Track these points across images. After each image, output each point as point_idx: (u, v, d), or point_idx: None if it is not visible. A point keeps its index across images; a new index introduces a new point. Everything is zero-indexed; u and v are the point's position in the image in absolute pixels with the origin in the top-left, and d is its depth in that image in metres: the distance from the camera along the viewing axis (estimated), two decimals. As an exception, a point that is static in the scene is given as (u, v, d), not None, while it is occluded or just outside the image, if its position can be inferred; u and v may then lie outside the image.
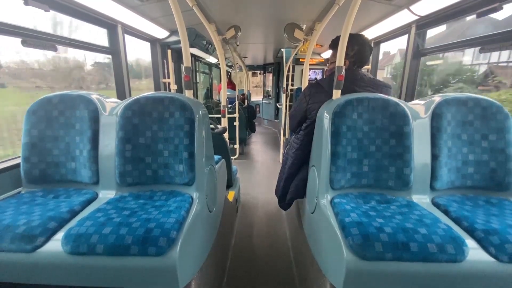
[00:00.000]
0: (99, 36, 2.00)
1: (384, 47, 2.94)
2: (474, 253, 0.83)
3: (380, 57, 3.03)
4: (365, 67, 1.48)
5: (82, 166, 1.23)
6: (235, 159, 4.28)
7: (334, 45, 1.46)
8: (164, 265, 0.85)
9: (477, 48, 1.53)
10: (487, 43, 1.53)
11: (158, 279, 0.86)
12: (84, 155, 1.23)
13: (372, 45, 2.83)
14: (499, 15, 1.42)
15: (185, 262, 0.91)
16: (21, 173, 1.22)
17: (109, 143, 1.23)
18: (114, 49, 2.08)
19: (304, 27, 2.60)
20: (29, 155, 1.21)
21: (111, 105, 1.31)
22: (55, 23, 1.65)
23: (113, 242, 0.84)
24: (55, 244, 0.87)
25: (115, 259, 0.84)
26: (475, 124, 1.18)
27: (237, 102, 4.18)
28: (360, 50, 1.39)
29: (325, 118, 1.18)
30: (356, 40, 1.38)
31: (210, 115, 1.51)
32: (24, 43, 1.33)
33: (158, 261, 0.84)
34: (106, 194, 1.22)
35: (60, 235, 0.89)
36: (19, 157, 1.24)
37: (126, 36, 2.19)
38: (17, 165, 1.25)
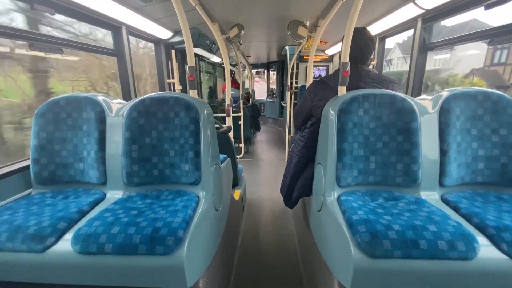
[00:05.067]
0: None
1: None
2: (486, 250, 0.82)
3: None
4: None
5: (90, 167, 1.25)
6: (240, 158, 4.29)
7: None
8: (171, 264, 0.85)
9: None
10: (496, 36, 1.49)
11: (166, 278, 0.87)
12: (91, 156, 1.24)
13: (377, 41, 2.79)
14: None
15: (192, 261, 0.91)
16: (31, 175, 1.24)
17: (115, 143, 1.25)
18: (119, 51, 2.10)
19: (307, 24, 2.58)
20: (38, 156, 1.23)
21: (117, 106, 1.32)
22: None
23: (122, 242, 0.85)
24: (65, 244, 0.89)
25: (124, 258, 0.85)
26: (485, 119, 1.15)
27: (241, 101, 4.18)
28: (354, 47, 1.28)
29: (330, 115, 1.17)
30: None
31: (214, 115, 1.51)
32: (31, 46, 1.35)
33: (165, 260, 0.85)
34: (114, 194, 1.23)
35: (69, 235, 0.91)
36: (29, 159, 1.26)
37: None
38: (27, 167, 1.27)
